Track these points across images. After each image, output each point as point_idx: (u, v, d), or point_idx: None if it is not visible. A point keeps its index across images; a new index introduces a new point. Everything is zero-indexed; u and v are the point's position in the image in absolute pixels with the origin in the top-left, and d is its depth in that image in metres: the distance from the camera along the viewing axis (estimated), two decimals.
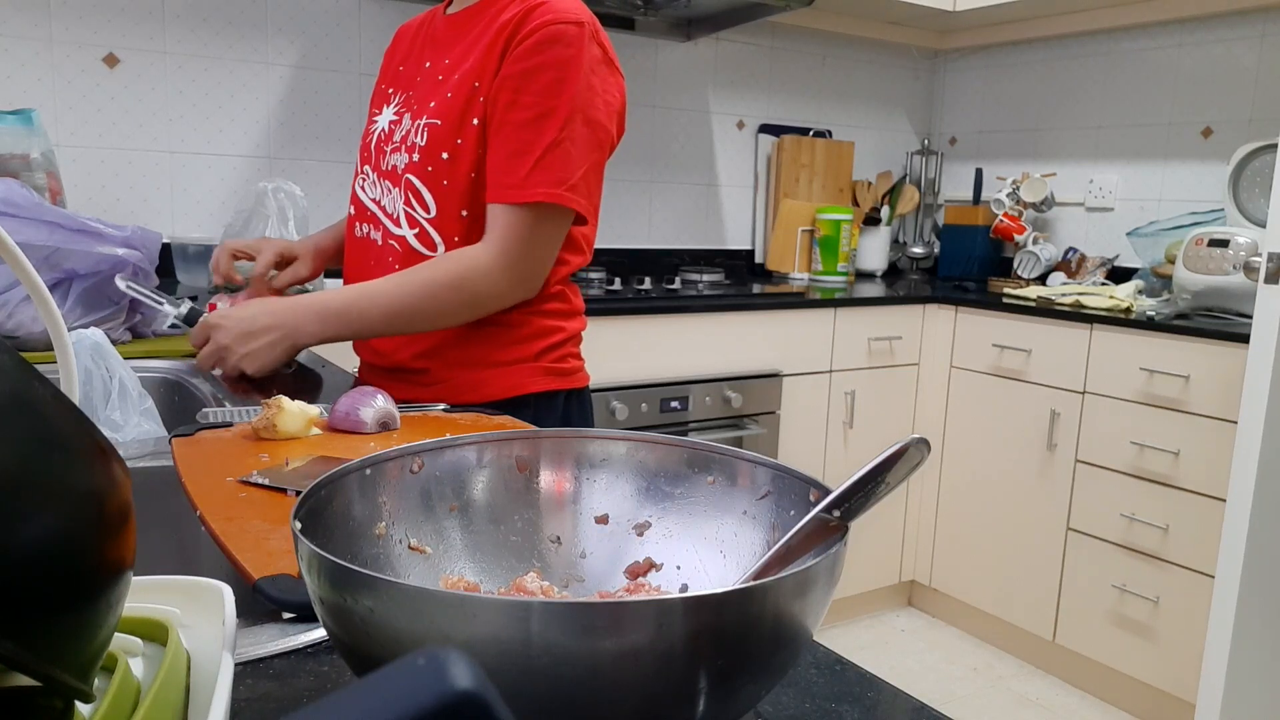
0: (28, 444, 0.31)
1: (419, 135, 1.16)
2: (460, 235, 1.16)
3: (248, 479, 0.72)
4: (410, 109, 1.19)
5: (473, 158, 1.13)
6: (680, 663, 0.35)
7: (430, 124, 1.15)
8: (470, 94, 1.13)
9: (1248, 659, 1.89)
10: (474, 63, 1.13)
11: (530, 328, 1.20)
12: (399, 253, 1.18)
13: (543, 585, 0.50)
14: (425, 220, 1.16)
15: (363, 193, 1.25)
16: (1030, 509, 2.51)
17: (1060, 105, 3.06)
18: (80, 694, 0.33)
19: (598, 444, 0.56)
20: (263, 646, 0.51)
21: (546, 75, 1.09)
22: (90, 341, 1.02)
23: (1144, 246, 2.62)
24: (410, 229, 1.17)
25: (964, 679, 2.51)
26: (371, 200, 1.23)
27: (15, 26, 2.01)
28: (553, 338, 1.22)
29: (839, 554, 0.41)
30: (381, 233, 1.21)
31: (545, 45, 1.09)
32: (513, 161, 1.10)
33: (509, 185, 1.10)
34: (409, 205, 1.17)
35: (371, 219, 1.23)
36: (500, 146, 1.11)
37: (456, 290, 1.11)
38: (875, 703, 0.49)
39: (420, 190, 1.16)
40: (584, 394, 1.28)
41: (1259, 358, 1.78)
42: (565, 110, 1.09)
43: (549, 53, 1.09)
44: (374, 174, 1.23)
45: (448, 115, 1.14)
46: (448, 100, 1.14)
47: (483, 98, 1.12)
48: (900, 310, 2.68)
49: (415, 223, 1.17)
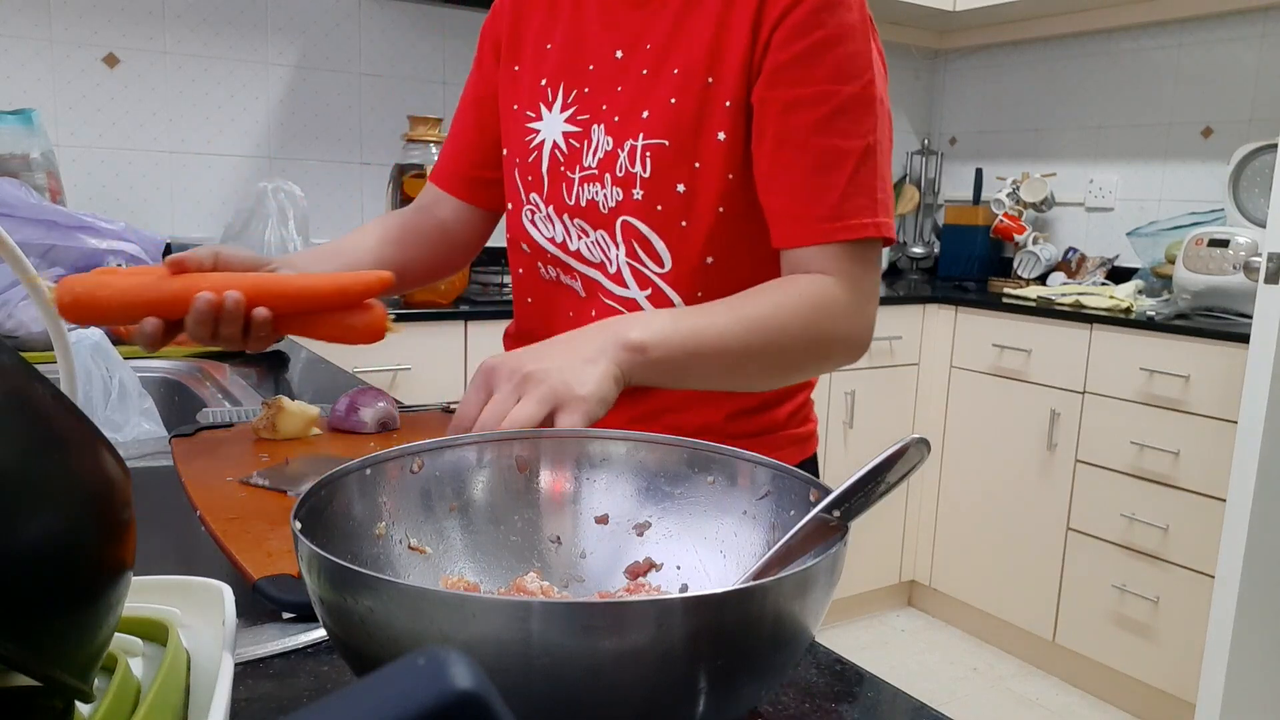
0: (28, 444, 0.31)
1: (638, 162, 0.84)
2: (704, 289, 0.86)
3: (248, 479, 0.72)
4: (601, 117, 0.86)
5: (720, 187, 0.83)
6: (680, 663, 0.35)
7: (653, 145, 0.83)
8: (704, 95, 0.82)
9: (1248, 659, 1.88)
10: (699, 47, 0.82)
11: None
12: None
13: (543, 585, 0.50)
14: (658, 276, 0.86)
15: (535, 230, 0.93)
16: (1030, 509, 2.51)
17: (1060, 105, 3.05)
18: (80, 694, 0.33)
19: (598, 444, 0.56)
20: (263, 646, 0.51)
21: (837, 53, 0.79)
22: (90, 341, 1.03)
23: (1144, 246, 2.62)
24: (641, 289, 0.87)
25: (964, 679, 2.51)
26: (556, 246, 0.91)
27: (15, 26, 2.01)
28: (797, 397, 0.95)
29: (839, 554, 0.41)
30: (590, 288, 0.90)
31: (825, 10, 0.78)
32: (817, 182, 0.79)
33: (820, 217, 0.79)
34: (634, 258, 0.86)
35: (564, 267, 0.92)
36: (792, 164, 0.80)
37: (805, 328, 0.78)
38: (875, 703, 0.49)
39: (648, 237, 0.85)
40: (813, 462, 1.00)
41: (1259, 358, 1.78)
42: (868, 99, 0.80)
43: (832, 20, 0.79)
44: (552, 209, 0.90)
45: (677, 130, 0.82)
46: (671, 108, 0.82)
47: (729, 101, 0.81)
48: (900, 310, 2.68)
49: (647, 281, 0.86)
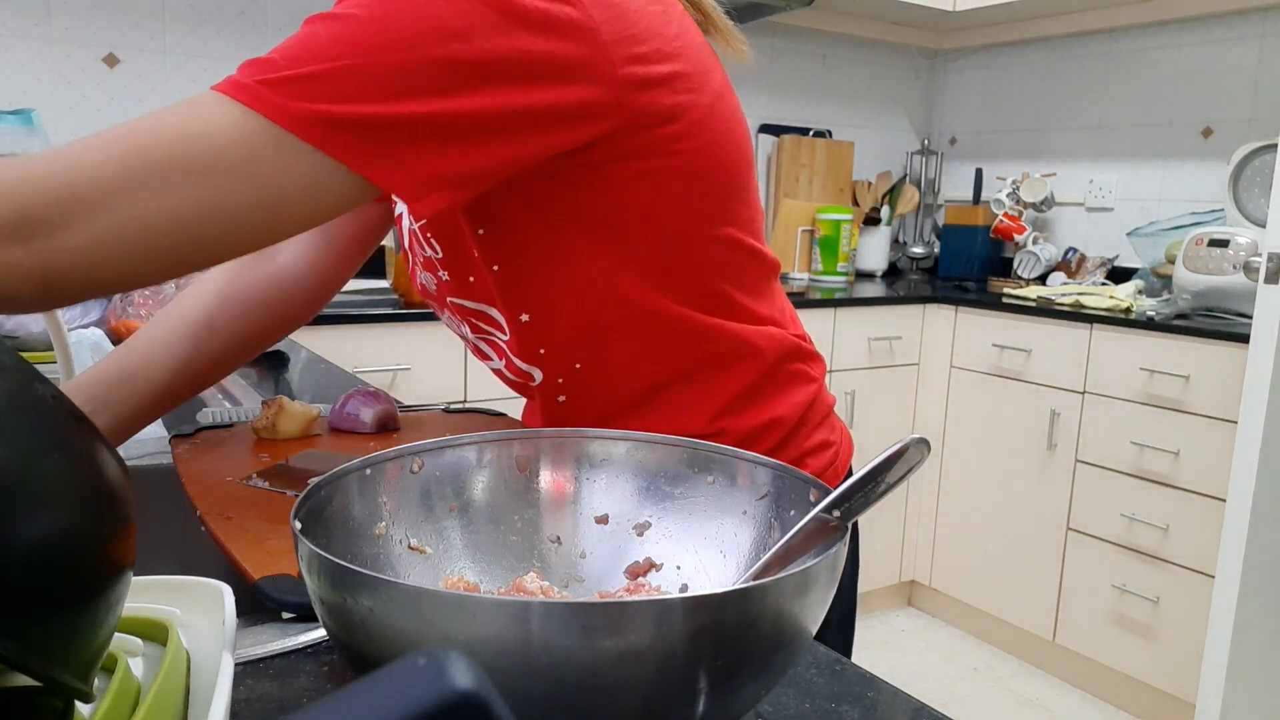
0: (28, 444, 0.31)
1: (427, 244, 0.77)
2: (544, 345, 0.75)
3: (248, 479, 0.72)
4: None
5: (469, 235, 0.74)
6: (680, 663, 0.35)
7: (420, 224, 0.77)
8: None
9: (1248, 659, 1.88)
10: None
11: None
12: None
13: (543, 585, 0.50)
14: (504, 343, 0.78)
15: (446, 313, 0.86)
16: (1030, 509, 2.51)
17: (1060, 105, 3.05)
18: (80, 694, 0.33)
19: (598, 444, 0.56)
20: (263, 646, 0.51)
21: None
22: (90, 341, 1.03)
23: (1144, 246, 2.62)
24: (499, 358, 0.80)
25: (964, 679, 2.51)
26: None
27: (15, 26, 2.01)
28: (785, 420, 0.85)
29: (839, 554, 0.41)
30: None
31: None
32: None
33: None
34: (479, 333, 0.79)
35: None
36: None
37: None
38: (875, 703, 0.49)
39: (477, 309, 0.77)
40: None
41: (1259, 358, 1.78)
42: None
43: None
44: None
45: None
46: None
47: None
48: (900, 310, 2.68)
49: (500, 350, 0.79)
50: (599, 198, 0.67)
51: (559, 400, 0.77)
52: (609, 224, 0.68)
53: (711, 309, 0.74)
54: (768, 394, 0.78)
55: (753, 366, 0.77)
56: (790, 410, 0.79)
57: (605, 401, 0.76)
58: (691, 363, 0.75)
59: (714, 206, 0.72)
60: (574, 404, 0.77)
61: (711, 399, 0.76)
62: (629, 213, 0.68)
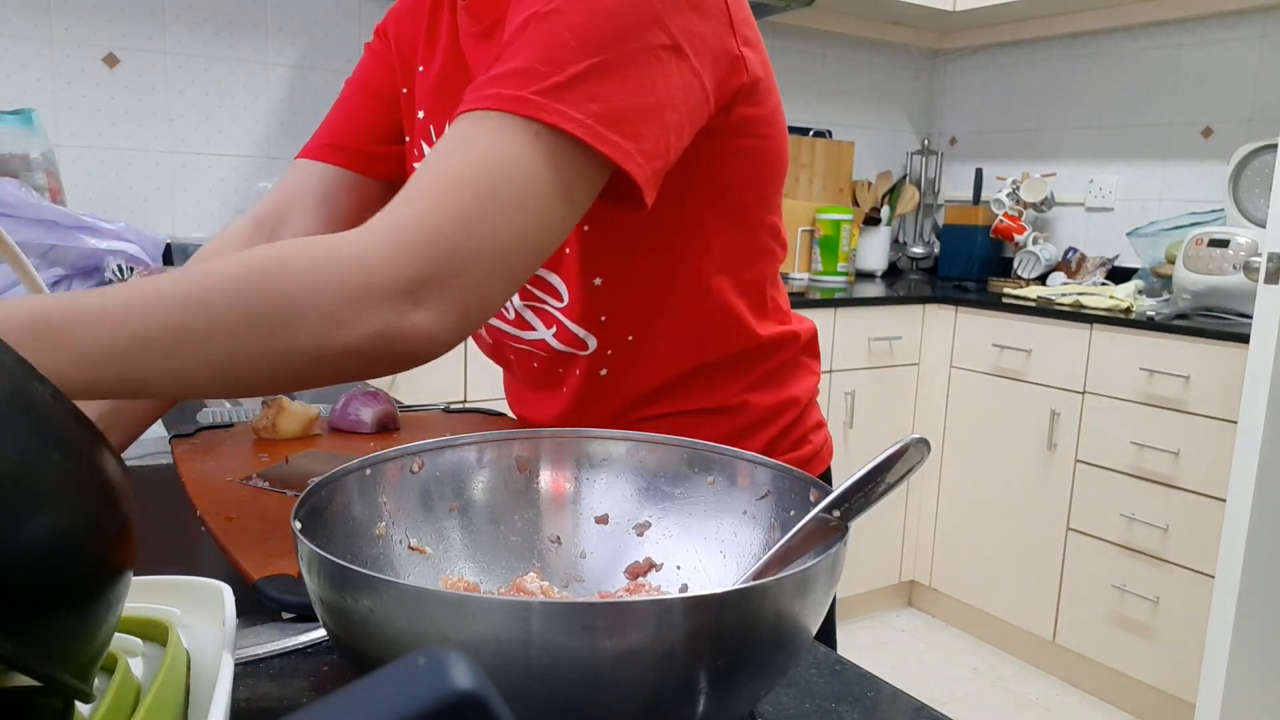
0: (28, 444, 0.31)
1: None
2: (605, 314, 0.76)
3: (248, 479, 0.72)
4: None
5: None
6: (680, 663, 0.35)
7: None
8: None
9: (1248, 659, 1.88)
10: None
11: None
12: (544, 359, 0.82)
13: (543, 585, 0.50)
14: (559, 311, 0.77)
15: None
16: (1030, 509, 2.51)
17: (1060, 105, 3.05)
18: (80, 694, 0.33)
19: (598, 444, 0.56)
20: (263, 646, 0.51)
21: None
22: None
23: (1144, 246, 2.62)
24: (546, 328, 0.79)
25: (964, 679, 2.51)
26: None
27: (15, 26, 2.01)
28: (782, 418, 0.87)
29: (839, 554, 0.41)
30: (496, 336, 0.85)
31: None
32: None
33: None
34: (529, 299, 0.79)
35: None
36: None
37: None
38: (875, 703, 0.49)
39: (539, 274, 0.77)
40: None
41: (1259, 358, 1.78)
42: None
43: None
44: None
45: None
46: None
47: None
48: (900, 310, 2.68)
49: (550, 319, 0.78)
50: (699, 170, 0.70)
51: (600, 374, 0.80)
52: (699, 195, 0.72)
53: (752, 301, 0.80)
54: (785, 377, 0.85)
55: (780, 358, 0.84)
56: (802, 393, 0.87)
57: (643, 380, 0.79)
58: (727, 354, 0.80)
59: (772, 192, 0.77)
60: (613, 378, 0.80)
61: (738, 382, 0.82)
62: (716, 186, 0.72)
